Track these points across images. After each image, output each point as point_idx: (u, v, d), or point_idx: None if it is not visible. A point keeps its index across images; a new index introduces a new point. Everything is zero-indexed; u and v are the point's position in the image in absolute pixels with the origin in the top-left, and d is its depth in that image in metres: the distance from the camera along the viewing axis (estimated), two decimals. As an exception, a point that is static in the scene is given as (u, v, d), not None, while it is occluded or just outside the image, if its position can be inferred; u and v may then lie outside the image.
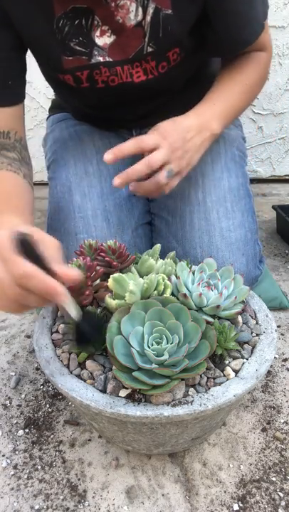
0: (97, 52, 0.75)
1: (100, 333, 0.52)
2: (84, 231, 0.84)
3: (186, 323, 0.52)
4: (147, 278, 0.54)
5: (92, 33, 0.74)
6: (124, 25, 0.73)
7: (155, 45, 0.75)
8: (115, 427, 0.54)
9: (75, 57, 0.75)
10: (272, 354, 0.56)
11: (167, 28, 0.73)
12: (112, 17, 0.72)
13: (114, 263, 0.60)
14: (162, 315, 0.53)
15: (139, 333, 0.52)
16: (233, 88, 0.81)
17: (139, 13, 0.72)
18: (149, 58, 0.77)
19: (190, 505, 0.61)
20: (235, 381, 0.53)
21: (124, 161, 0.95)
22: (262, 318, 0.63)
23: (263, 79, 0.87)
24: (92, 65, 0.76)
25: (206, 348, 0.51)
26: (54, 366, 0.55)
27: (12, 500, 0.62)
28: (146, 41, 0.75)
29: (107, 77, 0.78)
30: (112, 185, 0.68)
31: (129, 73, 0.78)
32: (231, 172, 0.89)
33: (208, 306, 0.57)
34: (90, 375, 0.54)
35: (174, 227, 0.87)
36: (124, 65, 0.77)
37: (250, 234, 0.86)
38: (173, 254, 0.65)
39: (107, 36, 0.74)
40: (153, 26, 0.73)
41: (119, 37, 0.74)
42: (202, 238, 0.83)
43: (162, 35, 0.74)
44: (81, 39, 0.74)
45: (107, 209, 0.87)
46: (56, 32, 0.72)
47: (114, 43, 0.75)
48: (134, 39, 0.74)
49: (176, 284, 0.59)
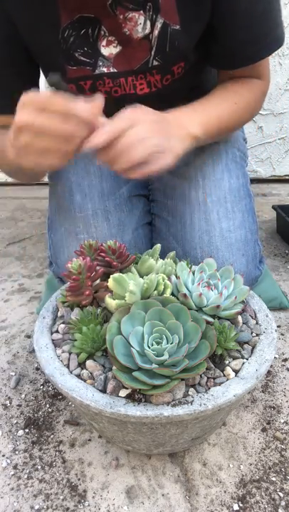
0: (101, 62, 0.75)
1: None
2: (84, 231, 0.84)
3: (186, 323, 0.52)
4: (147, 278, 0.54)
5: (98, 43, 0.73)
6: (131, 37, 0.73)
7: (161, 59, 0.75)
8: (115, 427, 0.54)
9: (79, 68, 0.75)
10: (272, 354, 0.56)
11: (174, 43, 0.73)
12: (120, 28, 0.72)
13: (114, 263, 0.60)
14: (162, 315, 0.53)
15: (139, 333, 0.52)
16: (221, 104, 0.79)
17: (147, 27, 0.71)
18: (154, 72, 0.76)
19: (190, 505, 0.61)
20: (235, 381, 0.53)
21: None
22: (262, 318, 0.63)
23: (255, 106, 0.84)
24: (95, 75, 0.76)
25: (206, 348, 0.51)
26: (54, 366, 0.55)
27: (12, 500, 0.62)
28: (152, 54, 0.74)
29: (110, 88, 0.78)
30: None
31: (133, 85, 0.78)
32: (232, 173, 0.89)
33: (208, 306, 0.57)
34: (90, 375, 0.54)
35: (174, 227, 0.87)
36: (129, 77, 0.77)
37: (251, 234, 0.86)
38: (173, 254, 0.65)
39: (113, 46, 0.74)
40: (160, 40, 0.73)
41: (125, 48, 0.74)
42: (202, 238, 0.83)
43: (169, 49, 0.73)
44: (86, 49, 0.73)
45: (108, 209, 0.86)
46: (61, 42, 0.72)
47: (119, 53, 0.74)
48: (141, 51, 0.74)
49: (176, 284, 0.59)
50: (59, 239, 0.87)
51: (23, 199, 1.65)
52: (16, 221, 1.51)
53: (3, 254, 1.30)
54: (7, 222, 1.50)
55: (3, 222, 1.50)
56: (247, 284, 0.82)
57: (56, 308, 0.65)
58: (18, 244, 1.36)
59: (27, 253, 1.30)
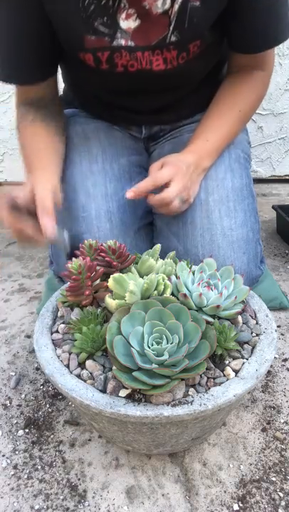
0: (120, 34, 0.76)
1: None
2: (87, 231, 0.84)
3: (186, 323, 0.52)
4: (147, 278, 0.54)
5: (117, 15, 0.74)
6: (150, 12, 0.73)
7: (179, 35, 0.76)
8: (115, 427, 0.54)
9: (98, 38, 0.75)
10: (272, 354, 0.56)
11: (193, 20, 0.74)
12: (140, 2, 0.72)
13: (114, 263, 0.60)
14: (162, 315, 0.53)
15: (139, 333, 0.52)
16: (227, 118, 0.86)
17: (166, 2, 0.72)
18: (171, 47, 0.77)
19: (190, 505, 0.61)
20: (235, 381, 0.53)
21: (130, 159, 0.96)
22: (262, 318, 0.63)
23: (261, 98, 0.91)
24: (113, 47, 0.76)
25: (206, 348, 0.51)
26: (54, 366, 0.55)
27: (12, 500, 0.62)
28: (170, 30, 0.75)
29: (127, 61, 0.79)
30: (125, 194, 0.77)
31: (149, 60, 0.79)
32: (235, 172, 0.89)
33: (208, 306, 0.57)
34: (89, 375, 0.54)
35: (176, 226, 0.87)
36: (146, 51, 0.78)
37: (252, 233, 0.86)
38: (173, 254, 0.65)
39: (132, 20, 0.74)
40: (179, 16, 0.74)
41: (144, 22, 0.75)
42: (203, 236, 0.83)
43: (187, 26, 0.74)
44: (106, 20, 0.74)
45: (111, 210, 0.87)
46: (82, 10, 0.73)
47: (138, 27, 0.75)
48: (159, 27, 0.75)
49: (176, 284, 0.59)
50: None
51: (23, 199, 1.65)
52: (16, 221, 1.50)
53: (3, 254, 1.30)
54: (7, 222, 1.50)
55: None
56: (248, 284, 0.82)
57: (56, 308, 0.65)
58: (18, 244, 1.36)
59: (27, 253, 1.30)
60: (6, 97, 1.54)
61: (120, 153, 0.95)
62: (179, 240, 0.86)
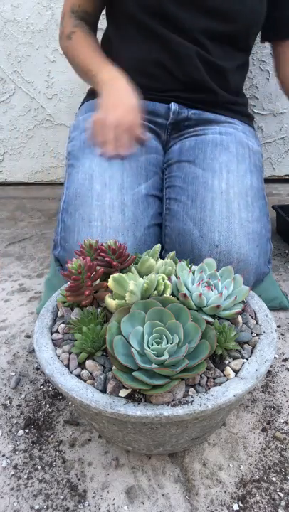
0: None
1: None
2: (98, 219, 0.84)
3: (186, 323, 0.52)
4: (147, 278, 0.54)
5: None
6: None
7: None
8: (115, 427, 0.54)
9: None
10: (273, 354, 0.56)
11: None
12: None
13: (114, 263, 0.60)
14: (162, 315, 0.53)
15: (139, 333, 0.52)
16: None
17: None
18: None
19: (190, 505, 0.61)
20: (235, 381, 0.53)
21: (148, 158, 0.96)
22: (262, 318, 0.63)
23: None
24: None
25: (206, 348, 0.51)
26: (54, 366, 0.55)
27: (12, 500, 0.62)
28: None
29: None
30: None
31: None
32: (253, 174, 0.92)
33: (208, 306, 0.57)
34: (89, 375, 0.54)
35: (194, 210, 0.88)
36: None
37: (265, 230, 0.89)
38: (173, 254, 0.65)
39: None
40: None
41: None
42: (221, 223, 0.84)
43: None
44: None
45: (125, 202, 0.87)
46: None
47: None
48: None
49: (176, 284, 0.59)
50: (72, 223, 0.87)
51: (23, 199, 1.65)
52: (16, 221, 1.50)
53: (3, 254, 1.30)
54: (7, 222, 1.50)
55: (3, 222, 1.49)
56: (255, 277, 0.82)
57: (56, 308, 0.65)
58: (18, 244, 1.36)
59: (27, 253, 1.30)
60: (7, 96, 1.55)
61: (139, 151, 0.96)
62: (195, 224, 0.86)
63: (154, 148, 1.01)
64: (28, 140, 1.62)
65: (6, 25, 1.42)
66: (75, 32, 1.00)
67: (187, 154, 0.98)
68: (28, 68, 1.48)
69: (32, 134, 1.61)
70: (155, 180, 0.97)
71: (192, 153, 0.97)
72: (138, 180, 0.92)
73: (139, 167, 0.94)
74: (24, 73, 1.50)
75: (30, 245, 1.34)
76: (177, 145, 1.02)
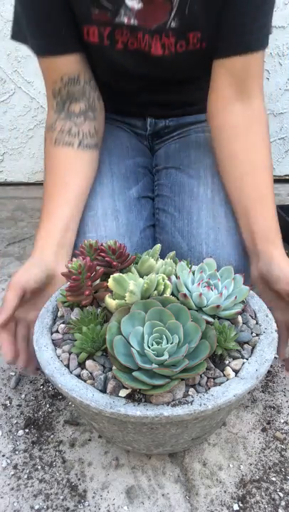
0: (123, 11, 0.76)
1: None
2: (93, 230, 0.84)
3: (186, 323, 0.52)
4: (147, 278, 0.54)
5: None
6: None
7: (178, 22, 0.76)
8: (115, 427, 0.54)
9: (101, 12, 0.76)
10: (273, 354, 0.56)
11: (193, 7, 0.74)
12: None
13: (114, 263, 0.60)
14: (162, 315, 0.52)
15: (139, 333, 0.52)
16: (268, 205, 0.80)
17: None
18: (170, 33, 0.78)
19: (190, 505, 0.61)
20: (235, 381, 0.52)
21: (135, 161, 0.96)
22: (262, 318, 0.62)
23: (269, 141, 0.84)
24: (115, 24, 0.77)
25: (206, 348, 0.51)
26: (54, 366, 0.54)
27: (12, 500, 0.62)
28: (171, 16, 0.76)
29: (127, 39, 0.79)
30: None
31: (149, 43, 0.79)
32: None
33: (208, 306, 0.57)
34: (89, 375, 0.53)
35: (181, 222, 0.87)
36: (146, 34, 0.78)
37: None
38: (173, 254, 0.65)
39: (136, 1, 0.75)
40: (181, 3, 0.74)
41: (147, 5, 0.75)
42: (209, 234, 0.83)
43: (188, 13, 0.75)
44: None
45: (117, 209, 0.87)
46: None
47: (141, 9, 0.75)
48: (161, 11, 0.75)
49: (176, 284, 0.59)
50: None
51: (23, 199, 1.65)
52: (16, 221, 1.50)
53: (3, 254, 1.30)
54: (7, 222, 1.50)
55: (3, 222, 1.49)
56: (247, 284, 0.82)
57: (56, 308, 0.65)
58: (18, 244, 1.36)
59: (27, 253, 1.30)
60: (7, 96, 1.55)
61: (126, 154, 0.95)
62: (183, 237, 0.86)
63: (140, 150, 1.01)
64: (28, 140, 1.62)
65: (6, 25, 1.42)
66: (52, 142, 0.84)
67: (173, 159, 0.97)
68: (28, 68, 1.48)
69: (32, 134, 1.61)
70: (146, 181, 0.97)
71: (177, 158, 0.97)
72: (128, 184, 0.91)
73: (128, 170, 0.93)
74: (24, 73, 1.50)
75: (30, 245, 1.34)
76: (162, 149, 1.02)
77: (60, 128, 0.83)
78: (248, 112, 0.80)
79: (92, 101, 0.85)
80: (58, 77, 0.81)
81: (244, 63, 0.77)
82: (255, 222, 0.77)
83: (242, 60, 0.77)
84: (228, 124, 0.81)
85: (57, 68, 0.81)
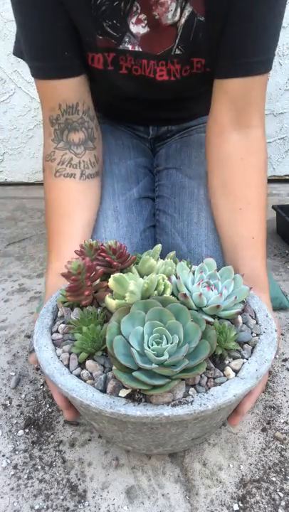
0: (128, 39, 0.74)
1: None
2: (93, 232, 0.84)
3: (186, 323, 0.52)
4: (148, 278, 0.54)
5: (128, 18, 0.72)
6: (159, 22, 0.72)
7: (183, 49, 0.75)
8: (115, 426, 0.54)
9: (105, 38, 0.74)
10: (272, 354, 0.56)
11: (198, 35, 0.73)
12: (151, 10, 0.71)
13: (114, 263, 0.60)
14: (162, 315, 0.52)
15: (139, 333, 0.52)
16: (257, 247, 0.76)
17: (177, 14, 0.71)
18: (175, 60, 0.76)
19: (190, 505, 0.61)
20: (235, 381, 0.52)
21: (136, 161, 0.96)
22: (262, 318, 0.62)
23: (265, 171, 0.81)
24: (119, 50, 0.75)
25: (206, 348, 0.51)
26: (54, 366, 0.54)
27: (12, 500, 0.62)
28: (176, 43, 0.74)
29: (131, 65, 0.78)
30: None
31: (154, 69, 0.78)
32: None
33: (208, 306, 0.57)
34: (89, 375, 0.53)
35: (180, 224, 0.87)
36: (151, 60, 0.77)
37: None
38: (173, 254, 0.65)
39: (141, 26, 0.73)
40: (185, 29, 0.72)
41: (152, 31, 0.74)
42: (208, 236, 0.83)
43: (192, 40, 0.73)
44: (115, 22, 0.72)
45: (118, 210, 0.87)
46: (93, 8, 0.71)
47: (146, 35, 0.74)
48: (166, 38, 0.74)
49: (176, 284, 0.59)
50: None
51: (23, 199, 1.65)
52: (16, 221, 1.50)
53: (3, 254, 1.30)
54: (7, 222, 1.50)
55: (3, 222, 1.49)
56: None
57: (56, 308, 0.65)
58: (18, 244, 1.36)
59: (27, 253, 1.30)
60: (7, 96, 1.55)
61: (127, 155, 0.95)
62: (182, 238, 0.85)
63: (141, 150, 1.00)
64: (28, 140, 1.62)
65: (6, 25, 1.42)
66: (52, 173, 0.81)
67: (174, 160, 0.97)
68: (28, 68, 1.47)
69: (32, 134, 1.61)
70: (146, 181, 0.97)
71: (178, 159, 0.96)
72: (129, 185, 0.91)
73: (129, 171, 0.93)
74: (24, 73, 1.50)
75: (30, 245, 1.34)
76: (163, 149, 1.02)
77: (60, 159, 0.80)
78: (246, 143, 0.77)
79: (90, 131, 0.82)
80: (56, 104, 0.77)
81: (244, 87, 0.73)
82: (243, 264, 0.74)
83: (242, 83, 0.73)
84: (223, 153, 0.78)
85: (55, 93, 0.77)
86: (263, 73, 0.73)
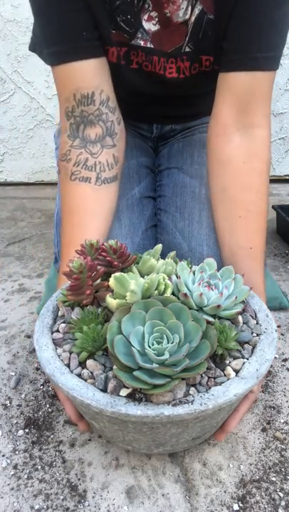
0: (140, 34, 0.74)
1: None
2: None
3: (187, 322, 0.52)
4: (148, 278, 0.54)
5: (141, 14, 0.72)
6: (170, 20, 0.72)
7: (193, 47, 0.75)
8: (116, 426, 0.54)
9: (118, 33, 0.74)
10: (273, 354, 0.56)
11: (207, 32, 0.73)
12: (162, 7, 0.71)
13: (115, 263, 0.60)
14: (163, 314, 0.52)
15: (140, 332, 0.52)
16: (256, 257, 0.75)
17: (188, 12, 0.71)
18: (184, 58, 0.76)
19: (190, 505, 0.61)
20: (235, 381, 0.52)
21: (139, 161, 0.96)
22: (262, 318, 0.63)
23: (269, 172, 0.78)
24: (131, 45, 0.75)
25: (206, 347, 0.51)
26: (54, 365, 0.54)
27: (12, 500, 0.62)
28: (186, 40, 0.74)
29: (142, 60, 0.77)
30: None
31: (164, 66, 0.78)
32: None
33: (209, 306, 0.57)
34: (90, 375, 0.53)
35: (182, 223, 0.87)
36: (161, 57, 0.77)
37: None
38: (173, 254, 0.65)
39: (152, 24, 0.73)
40: (195, 27, 0.72)
41: (163, 28, 0.74)
42: (210, 236, 0.83)
43: (201, 37, 0.73)
44: (129, 17, 0.72)
45: (120, 209, 0.86)
46: (107, 2, 0.70)
47: (157, 32, 0.74)
48: (177, 35, 0.74)
49: (176, 284, 0.59)
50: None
51: (23, 199, 1.65)
52: (16, 221, 1.50)
53: (3, 254, 1.30)
54: (7, 222, 1.50)
55: (3, 222, 1.49)
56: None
57: (57, 308, 0.65)
58: (18, 244, 1.36)
59: (27, 253, 1.30)
60: (7, 96, 1.55)
61: (130, 154, 0.94)
62: (184, 238, 0.85)
63: (144, 150, 1.00)
64: (28, 140, 1.62)
65: (6, 25, 1.42)
66: (67, 175, 0.78)
67: (175, 160, 0.97)
68: (28, 68, 1.48)
69: (32, 134, 1.61)
70: (148, 181, 0.97)
71: (180, 158, 0.96)
72: (131, 185, 0.91)
73: (131, 171, 0.93)
74: (24, 73, 1.50)
75: (30, 245, 1.34)
76: (166, 149, 1.02)
77: (75, 159, 0.77)
78: (248, 144, 0.74)
79: (110, 125, 0.78)
80: (71, 93, 0.74)
81: (249, 82, 0.71)
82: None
83: (247, 78, 0.71)
84: (225, 155, 0.76)
85: (71, 80, 0.74)
86: (269, 70, 0.71)
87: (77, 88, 0.74)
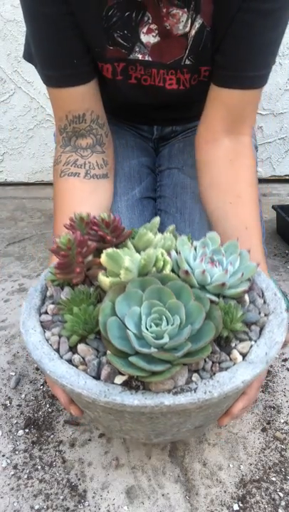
0: (138, 48, 0.75)
1: None
2: None
3: (188, 302, 0.48)
4: (145, 253, 0.49)
5: (139, 28, 0.73)
6: (170, 32, 0.73)
7: (193, 59, 0.75)
8: (111, 416, 0.49)
9: (115, 48, 0.74)
10: (283, 336, 0.51)
11: (207, 45, 0.73)
12: (162, 20, 0.71)
13: (108, 237, 0.54)
14: (161, 294, 0.48)
15: (136, 313, 0.47)
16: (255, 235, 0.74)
17: (187, 25, 0.72)
18: (185, 70, 0.77)
19: (190, 505, 0.60)
20: (243, 365, 0.48)
21: (140, 161, 0.94)
22: (270, 297, 0.57)
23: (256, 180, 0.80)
24: (129, 60, 0.76)
25: (210, 329, 0.46)
26: (42, 351, 0.50)
27: (12, 500, 0.62)
28: (186, 53, 0.75)
29: (140, 75, 0.78)
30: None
31: (163, 78, 0.78)
32: None
33: (212, 284, 0.52)
34: (82, 360, 0.49)
35: (182, 224, 0.86)
36: (160, 69, 0.77)
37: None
38: (173, 227, 0.60)
39: (152, 36, 0.74)
40: (196, 41, 0.73)
41: (163, 40, 0.74)
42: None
43: (201, 50, 0.74)
44: (126, 32, 0.73)
45: (120, 210, 0.86)
46: (104, 20, 0.71)
47: (157, 44, 0.74)
48: (177, 48, 0.74)
49: (176, 260, 0.54)
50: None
51: (23, 199, 1.65)
52: (16, 221, 1.50)
53: (3, 254, 1.29)
54: (7, 222, 1.50)
55: (3, 222, 1.49)
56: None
57: (45, 288, 0.60)
58: (18, 244, 1.35)
59: (27, 253, 1.29)
60: (7, 96, 1.54)
61: (131, 154, 0.95)
62: None
63: (145, 150, 1.00)
64: (28, 140, 1.62)
65: (6, 25, 1.42)
66: (58, 174, 0.81)
67: (176, 160, 0.96)
68: (28, 68, 1.47)
69: (32, 134, 1.60)
70: (149, 182, 0.96)
71: (180, 159, 0.96)
72: (132, 185, 0.91)
73: (132, 171, 0.93)
74: (24, 73, 1.49)
75: (30, 245, 1.34)
76: (166, 149, 1.02)
77: (65, 160, 0.80)
78: (236, 146, 0.78)
79: (99, 137, 0.82)
80: (63, 114, 0.78)
81: (242, 99, 0.74)
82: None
83: (241, 95, 0.74)
84: (212, 156, 0.78)
85: (63, 103, 0.77)
86: (261, 87, 0.75)
87: (69, 110, 0.77)
